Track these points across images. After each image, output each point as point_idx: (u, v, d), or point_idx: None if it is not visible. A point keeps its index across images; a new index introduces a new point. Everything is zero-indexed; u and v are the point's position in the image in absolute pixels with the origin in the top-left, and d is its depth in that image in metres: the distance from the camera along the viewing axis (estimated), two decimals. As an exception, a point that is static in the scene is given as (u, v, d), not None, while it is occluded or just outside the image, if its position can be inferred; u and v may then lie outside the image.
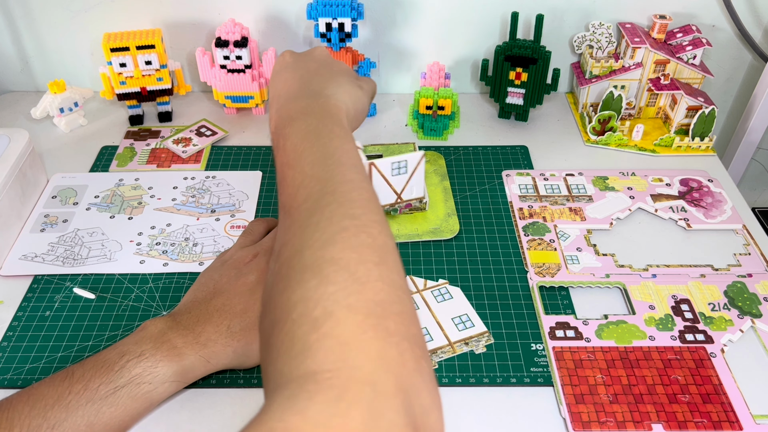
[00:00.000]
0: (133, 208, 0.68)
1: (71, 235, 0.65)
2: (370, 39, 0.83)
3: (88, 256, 0.63)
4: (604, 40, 0.80)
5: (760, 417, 0.49)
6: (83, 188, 0.71)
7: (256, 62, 0.79)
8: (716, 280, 0.60)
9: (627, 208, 0.68)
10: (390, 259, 0.35)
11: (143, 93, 0.79)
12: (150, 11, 0.81)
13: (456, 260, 0.63)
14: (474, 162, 0.75)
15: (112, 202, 0.69)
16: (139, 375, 0.45)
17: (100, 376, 0.44)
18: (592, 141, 0.78)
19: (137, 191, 0.71)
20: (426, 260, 0.63)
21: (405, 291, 0.34)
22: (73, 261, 0.62)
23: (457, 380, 0.52)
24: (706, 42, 0.76)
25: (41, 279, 0.61)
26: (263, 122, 0.82)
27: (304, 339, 0.30)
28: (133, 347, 0.46)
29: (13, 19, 0.82)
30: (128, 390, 0.45)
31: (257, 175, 0.73)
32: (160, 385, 0.46)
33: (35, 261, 0.62)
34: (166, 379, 0.46)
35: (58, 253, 0.63)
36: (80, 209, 0.68)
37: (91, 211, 0.68)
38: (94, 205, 0.69)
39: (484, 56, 0.84)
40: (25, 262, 0.62)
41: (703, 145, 0.76)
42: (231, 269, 0.54)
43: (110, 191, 0.71)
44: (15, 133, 0.67)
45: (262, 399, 0.51)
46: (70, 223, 0.67)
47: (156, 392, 0.46)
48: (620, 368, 0.53)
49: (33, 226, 0.66)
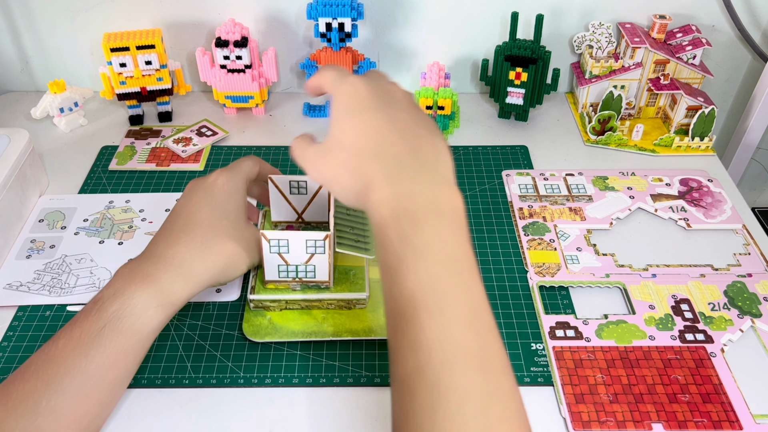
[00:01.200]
0: (123, 232, 0.65)
1: (58, 262, 0.62)
2: (370, 39, 0.83)
3: (76, 284, 0.60)
4: (604, 40, 0.80)
5: (760, 417, 0.49)
6: (72, 211, 0.68)
7: (256, 62, 0.79)
8: (716, 280, 0.60)
9: (627, 208, 0.68)
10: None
11: (143, 93, 0.79)
12: (150, 11, 0.81)
13: (456, 260, 0.63)
14: (474, 162, 0.75)
15: (101, 226, 0.66)
16: (117, 310, 0.44)
17: (80, 325, 0.44)
18: (592, 141, 0.78)
19: (128, 214, 0.68)
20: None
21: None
22: (60, 290, 0.59)
23: (457, 380, 0.52)
24: (705, 42, 0.77)
25: (26, 308, 0.58)
26: (263, 122, 0.82)
27: None
28: (107, 291, 0.46)
29: (13, 19, 0.82)
30: (111, 326, 0.44)
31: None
32: (143, 313, 0.45)
33: (20, 290, 0.59)
34: (148, 306, 0.45)
35: (45, 281, 0.60)
36: (68, 234, 0.65)
37: (79, 236, 0.65)
38: (82, 230, 0.66)
39: (484, 56, 0.84)
40: (10, 292, 0.59)
41: (702, 145, 0.76)
42: (180, 199, 0.53)
43: (100, 214, 0.67)
44: (15, 133, 0.67)
45: (261, 398, 0.51)
46: (58, 249, 0.63)
47: (141, 322, 0.45)
48: (620, 368, 0.53)
49: (19, 252, 0.63)
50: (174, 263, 0.47)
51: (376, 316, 0.56)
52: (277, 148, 0.77)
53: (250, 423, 0.50)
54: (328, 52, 0.75)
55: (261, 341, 0.55)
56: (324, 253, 0.53)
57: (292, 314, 0.56)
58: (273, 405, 0.51)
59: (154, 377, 0.52)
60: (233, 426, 0.49)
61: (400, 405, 0.35)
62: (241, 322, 0.56)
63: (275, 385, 0.52)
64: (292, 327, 0.55)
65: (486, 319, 0.36)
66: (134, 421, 0.50)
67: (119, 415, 0.50)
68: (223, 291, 0.59)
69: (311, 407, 0.51)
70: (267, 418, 0.50)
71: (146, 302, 0.45)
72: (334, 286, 0.56)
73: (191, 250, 0.48)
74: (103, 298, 0.45)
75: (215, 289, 0.59)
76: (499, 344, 0.35)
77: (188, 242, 0.49)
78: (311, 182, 0.57)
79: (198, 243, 0.49)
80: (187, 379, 0.52)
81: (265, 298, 0.55)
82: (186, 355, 0.54)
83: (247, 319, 0.56)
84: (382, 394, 0.52)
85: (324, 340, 0.55)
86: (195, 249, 0.48)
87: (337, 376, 0.53)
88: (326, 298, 0.56)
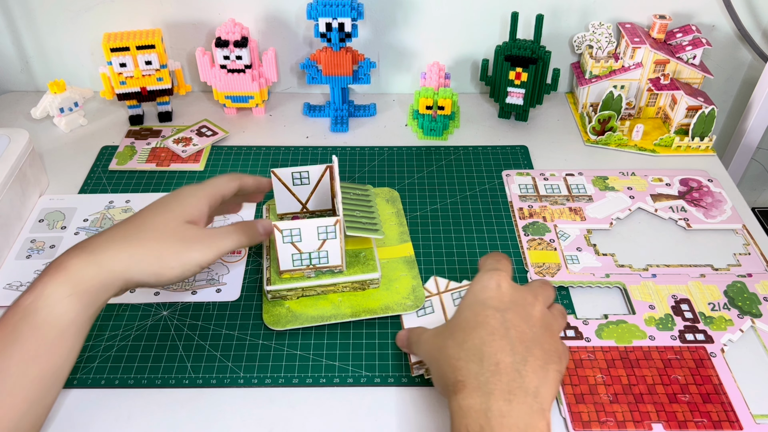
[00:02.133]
0: None
1: None
2: (370, 39, 0.83)
3: None
4: (604, 40, 0.80)
5: (760, 417, 0.49)
6: (72, 211, 0.68)
7: (256, 62, 0.79)
8: (716, 280, 0.60)
9: (627, 208, 0.68)
10: None
11: (143, 93, 0.79)
12: (150, 11, 0.81)
13: (456, 260, 0.63)
14: (474, 162, 0.75)
15: (101, 226, 0.66)
16: (30, 304, 0.43)
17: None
18: (592, 141, 0.78)
19: (128, 214, 0.67)
20: (426, 260, 0.63)
21: None
22: None
23: (457, 380, 0.52)
24: (705, 42, 0.76)
25: None
26: (263, 122, 0.82)
27: None
28: (22, 290, 0.44)
29: (13, 19, 0.82)
30: (25, 321, 0.42)
31: None
32: (57, 304, 0.43)
33: (20, 290, 0.58)
34: (61, 296, 0.43)
35: None
36: (68, 234, 0.65)
37: (80, 236, 0.65)
38: (83, 230, 0.65)
39: (484, 56, 0.84)
40: (10, 292, 0.58)
41: (702, 145, 0.76)
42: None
43: (100, 214, 0.67)
44: (15, 133, 0.67)
45: (261, 398, 0.51)
46: (58, 249, 0.63)
47: (56, 313, 0.43)
48: (620, 368, 0.53)
49: (19, 252, 0.63)
50: (87, 250, 0.46)
51: (390, 293, 0.58)
52: (277, 148, 0.77)
53: (250, 423, 0.50)
54: (328, 52, 0.75)
55: (282, 329, 0.56)
56: (335, 238, 0.54)
57: (310, 301, 0.58)
58: (273, 405, 0.51)
59: (154, 377, 0.52)
60: (233, 426, 0.49)
61: None
62: (239, 322, 0.57)
63: (275, 385, 0.52)
64: (311, 313, 0.57)
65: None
66: (134, 421, 0.50)
67: (119, 415, 0.50)
68: (223, 291, 0.59)
69: (311, 407, 0.51)
70: (267, 418, 0.50)
71: (58, 292, 0.43)
72: (347, 269, 0.57)
73: (109, 240, 0.47)
74: (19, 294, 0.44)
75: (215, 289, 0.60)
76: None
77: (110, 234, 0.48)
78: (313, 171, 0.59)
79: (120, 236, 0.47)
80: (187, 379, 0.52)
81: (281, 288, 0.56)
82: (186, 355, 0.54)
83: (266, 311, 0.57)
84: (382, 394, 0.52)
85: (343, 322, 0.56)
86: (114, 238, 0.47)
87: (337, 376, 0.53)
88: (341, 282, 0.57)
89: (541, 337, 0.44)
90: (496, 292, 0.45)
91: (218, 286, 0.60)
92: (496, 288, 0.46)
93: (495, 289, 0.46)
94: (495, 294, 0.45)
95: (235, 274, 0.61)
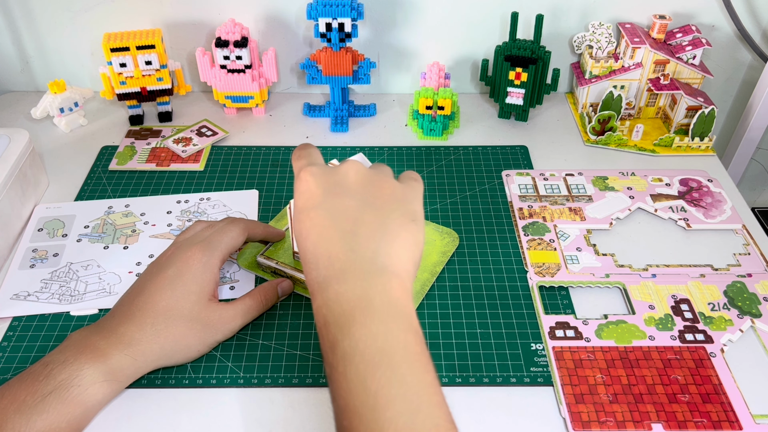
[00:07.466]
0: (127, 236, 0.64)
1: (65, 270, 0.61)
2: (370, 39, 0.83)
3: (86, 291, 0.59)
4: (604, 40, 0.80)
5: (760, 417, 0.49)
6: (71, 218, 0.67)
7: (256, 62, 0.79)
8: (716, 280, 0.60)
9: (627, 208, 0.68)
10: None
11: (143, 93, 0.79)
12: (150, 11, 0.81)
13: (456, 260, 0.63)
14: (474, 162, 0.75)
15: (104, 232, 0.65)
16: (65, 380, 0.45)
17: (26, 388, 0.44)
18: (591, 141, 0.78)
19: (129, 218, 0.67)
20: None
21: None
22: (70, 297, 0.58)
23: (457, 380, 0.52)
24: (705, 42, 0.77)
25: (34, 317, 0.57)
26: (263, 122, 0.83)
27: None
28: (57, 356, 0.46)
29: (13, 19, 0.82)
30: (56, 395, 0.44)
31: (254, 193, 0.70)
32: (90, 386, 0.45)
33: (29, 300, 0.58)
34: (95, 380, 0.46)
35: (53, 290, 0.59)
36: (70, 241, 0.64)
37: (82, 243, 0.64)
38: (84, 236, 0.64)
39: (484, 56, 0.84)
40: (17, 302, 0.58)
41: (702, 145, 0.76)
42: (153, 266, 0.53)
43: (100, 220, 0.66)
44: (15, 133, 0.67)
45: (261, 398, 0.51)
46: (62, 257, 0.62)
47: (87, 394, 0.45)
48: (620, 368, 0.53)
49: (21, 262, 0.62)
50: (124, 341, 0.48)
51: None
52: (277, 149, 0.77)
53: (250, 423, 0.50)
54: (328, 52, 0.75)
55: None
56: None
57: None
58: (273, 405, 0.51)
59: (154, 377, 0.52)
60: (233, 426, 0.49)
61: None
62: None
63: (275, 385, 0.52)
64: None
65: (428, 413, 0.33)
66: (134, 421, 0.50)
67: (119, 415, 0.50)
68: (236, 288, 0.59)
69: (311, 407, 0.51)
70: (267, 418, 0.50)
71: (94, 376, 0.46)
72: None
73: (141, 330, 0.49)
74: (53, 363, 0.46)
75: (229, 287, 0.59)
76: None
77: (140, 322, 0.49)
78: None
79: (149, 325, 0.49)
80: (187, 379, 0.52)
81: (272, 264, 0.59)
82: (186, 355, 0.54)
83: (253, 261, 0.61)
84: (382, 394, 0.52)
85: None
86: (145, 330, 0.49)
87: (337, 376, 0.53)
88: None
89: (365, 196, 0.43)
90: (307, 192, 0.43)
91: (231, 284, 0.60)
92: (306, 190, 0.43)
93: (305, 191, 0.43)
94: (307, 195, 0.43)
95: (245, 271, 0.61)
